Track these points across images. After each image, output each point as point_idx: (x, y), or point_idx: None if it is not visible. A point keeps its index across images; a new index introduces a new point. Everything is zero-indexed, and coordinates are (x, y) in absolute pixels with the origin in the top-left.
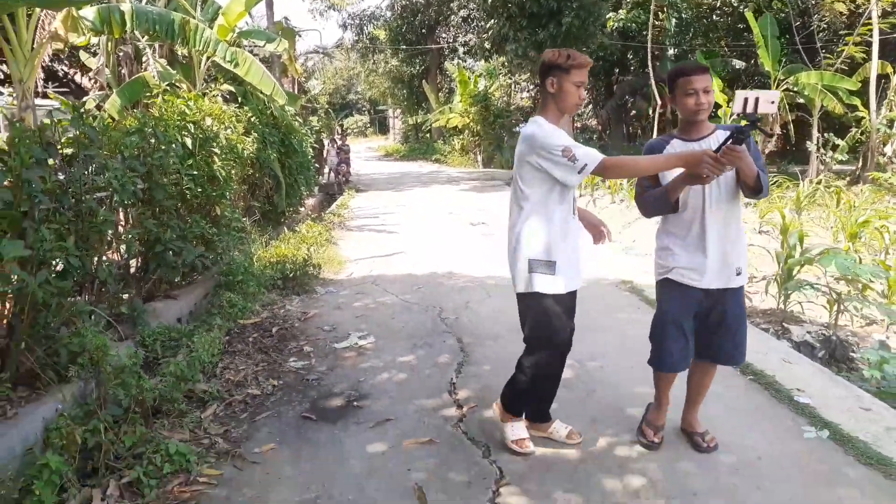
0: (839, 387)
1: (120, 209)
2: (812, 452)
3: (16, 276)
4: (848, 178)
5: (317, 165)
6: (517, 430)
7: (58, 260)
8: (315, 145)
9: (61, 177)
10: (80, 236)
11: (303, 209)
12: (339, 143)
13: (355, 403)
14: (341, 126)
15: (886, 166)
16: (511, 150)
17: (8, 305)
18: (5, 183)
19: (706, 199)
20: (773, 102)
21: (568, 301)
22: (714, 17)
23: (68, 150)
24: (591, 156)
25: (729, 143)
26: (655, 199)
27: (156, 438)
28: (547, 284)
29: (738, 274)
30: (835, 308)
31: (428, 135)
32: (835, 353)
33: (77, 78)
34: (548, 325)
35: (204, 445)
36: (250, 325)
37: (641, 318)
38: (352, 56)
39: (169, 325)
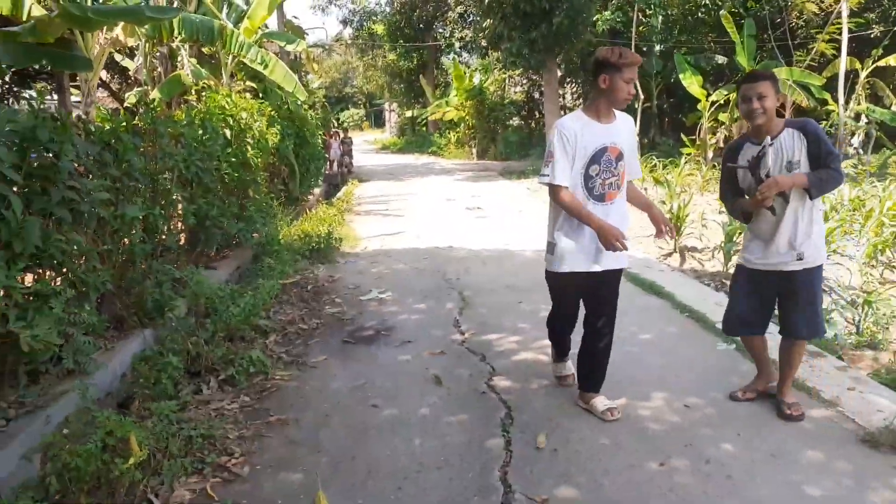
0: None
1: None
2: (721, 357)
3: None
4: None
5: (326, 156)
6: (600, 402)
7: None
8: (324, 137)
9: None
10: (160, 209)
11: (311, 196)
12: (342, 136)
13: (383, 332)
14: (337, 120)
15: (853, 156)
16: (505, 142)
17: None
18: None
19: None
20: (767, 176)
21: (572, 280)
22: (699, 14)
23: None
24: (556, 176)
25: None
26: (733, 210)
27: (238, 352)
28: (548, 263)
29: (800, 259)
30: None
31: (424, 128)
32: None
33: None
34: (553, 297)
35: (273, 358)
36: (289, 284)
37: None
38: (350, 51)
39: (221, 286)
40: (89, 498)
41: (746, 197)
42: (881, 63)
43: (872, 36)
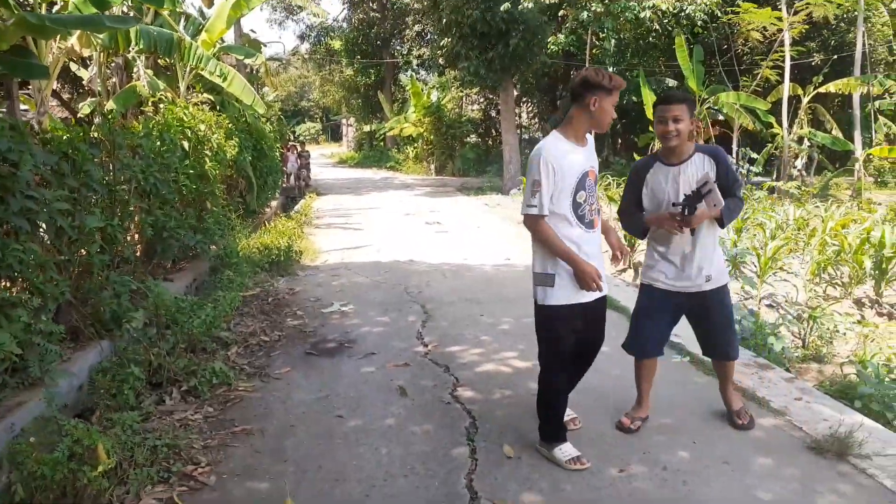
0: None
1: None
2: (676, 369)
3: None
4: (765, 188)
5: (284, 169)
6: (566, 450)
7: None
8: (281, 150)
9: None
10: (118, 220)
11: (269, 209)
12: (300, 149)
13: (346, 344)
14: (293, 133)
15: (797, 178)
16: (462, 158)
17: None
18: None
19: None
20: (715, 205)
21: (573, 312)
22: (650, 38)
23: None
24: (543, 206)
25: (680, 213)
26: (632, 224)
27: (200, 363)
28: (545, 297)
29: (708, 279)
30: None
31: (382, 143)
32: None
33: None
34: (548, 338)
35: (235, 370)
36: (248, 296)
37: None
38: (307, 65)
39: (180, 297)
40: None
41: (647, 214)
42: (822, 90)
43: (813, 64)
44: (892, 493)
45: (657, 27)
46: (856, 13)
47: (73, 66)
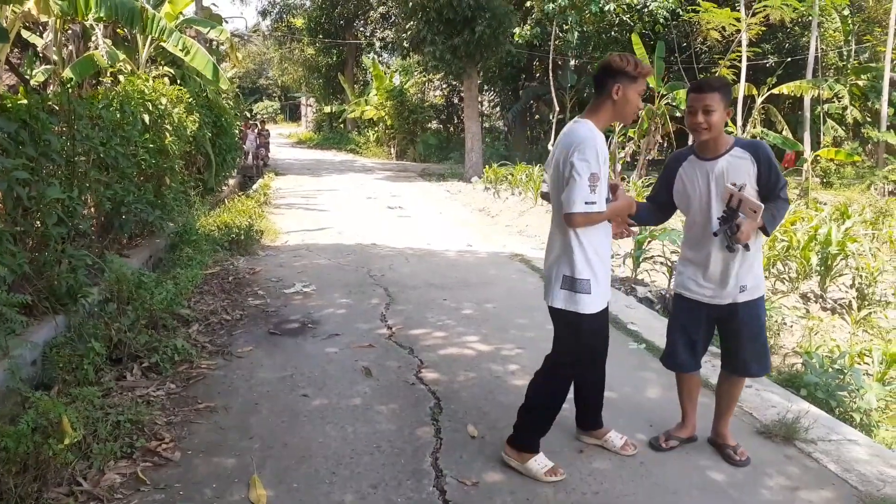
0: (660, 322)
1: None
2: (632, 355)
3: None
4: None
5: (244, 147)
6: (541, 461)
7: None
8: (240, 128)
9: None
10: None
11: (226, 187)
12: (260, 128)
13: (309, 325)
14: (250, 111)
15: None
16: (424, 144)
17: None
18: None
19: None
20: (755, 211)
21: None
22: (613, 32)
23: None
24: (602, 203)
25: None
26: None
27: (162, 340)
28: (581, 305)
29: (743, 290)
30: (671, 274)
31: (342, 125)
32: (666, 306)
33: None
34: (585, 350)
35: (197, 347)
36: (208, 274)
37: (526, 278)
38: (267, 42)
39: (140, 271)
40: (17, 479)
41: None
42: (775, 91)
43: (768, 65)
44: (836, 475)
45: (621, 20)
46: (810, 18)
47: (25, 33)
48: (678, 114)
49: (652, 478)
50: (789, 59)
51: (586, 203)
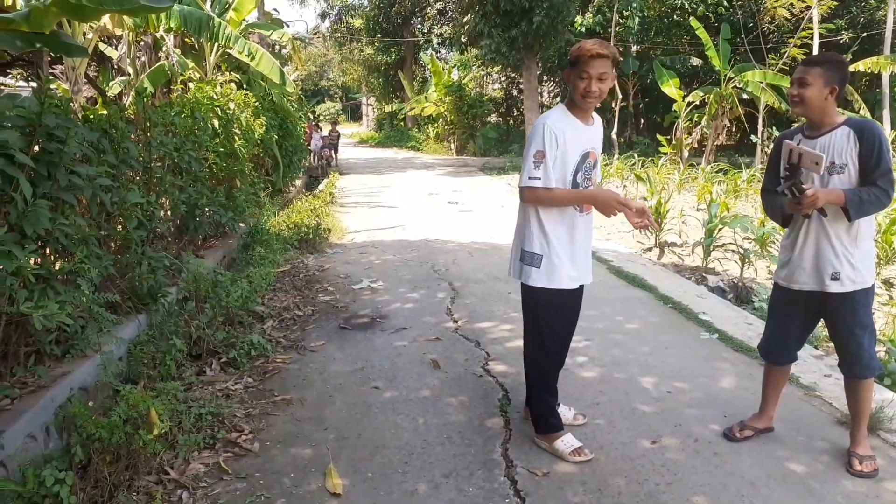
0: (733, 311)
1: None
2: (704, 345)
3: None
4: None
5: (309, 148)
6: (568, 441)
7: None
8: (306, 130)
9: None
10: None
11: (293, 188)
12: (331, 128)
13: (378, 319)
14: (313, 113)
15: None
16: (484, 138)
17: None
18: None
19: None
20: (817, 164)
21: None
22: (675, 16)
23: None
24: (549, 179)
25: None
26: (771, 208)
27: (238, 336)
28: (531, 277)
29: (835, 279)
30: (743, 262)
31: (402, 123)
32: (739, 295)
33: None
34: (541, 323)
35: (272, 342)
36: (280, 272)
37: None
38: (327, 44)
39: (216, 271)
40: (110, 468)
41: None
42: (850, 68)
43: (842, 41)
44: None
45: (682, 4)
46: None
47: (102, 45)
48: (745, 96)
49: (727, 468)
50: (865, 35)
51: (530, 178)
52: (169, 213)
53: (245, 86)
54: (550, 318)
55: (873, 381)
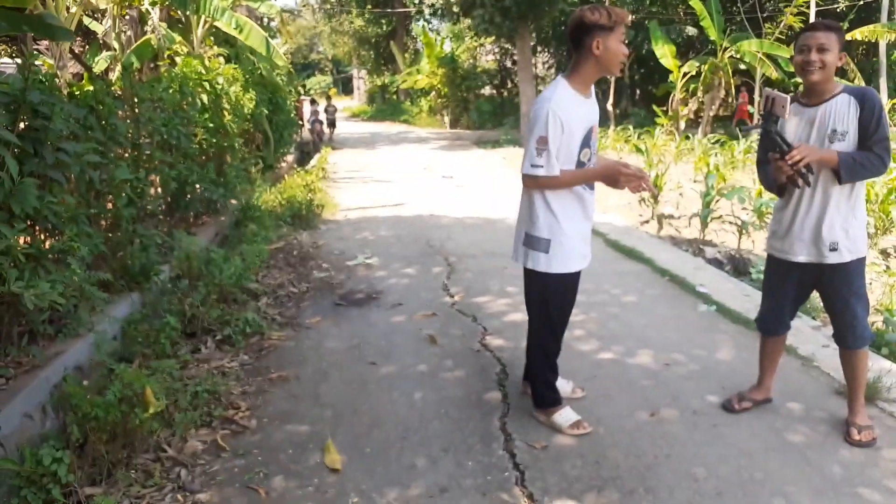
0: (730, 283)
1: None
2: (702, 317)
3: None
4: None
5: (300, 122)
6: (566, 415)
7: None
8: (295, 104)
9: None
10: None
11: (284, 163)
12: (326, 103)
13: (373, 295)
14: (304, 87)
15: None
16: (478, 111)
17: None
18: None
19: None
20: (783, 107)
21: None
22: None
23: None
24: (553, 167)
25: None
26: (765, 179)
27: (233, 313)
28: (540, 263)
29: (833, 250)
30: (741, 234)
31: (395, 96)
32: (737, 267)
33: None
34: (550, 310)
35: (267, 320)
36: (273, 249)
37: None
38: (316, 15)
39: (208, 248)
40: (108, 446)
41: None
42: (847, 37)
43: (839, 10)
44: None
45: None
46: None
47: (86, 20)
48: (742, 66)
49: (725, 439)
50: (861, 3)
51: (532, 166)
52: (159, 190)
53: (233, 60)
54: (560, 301)
55: (868, 351)
